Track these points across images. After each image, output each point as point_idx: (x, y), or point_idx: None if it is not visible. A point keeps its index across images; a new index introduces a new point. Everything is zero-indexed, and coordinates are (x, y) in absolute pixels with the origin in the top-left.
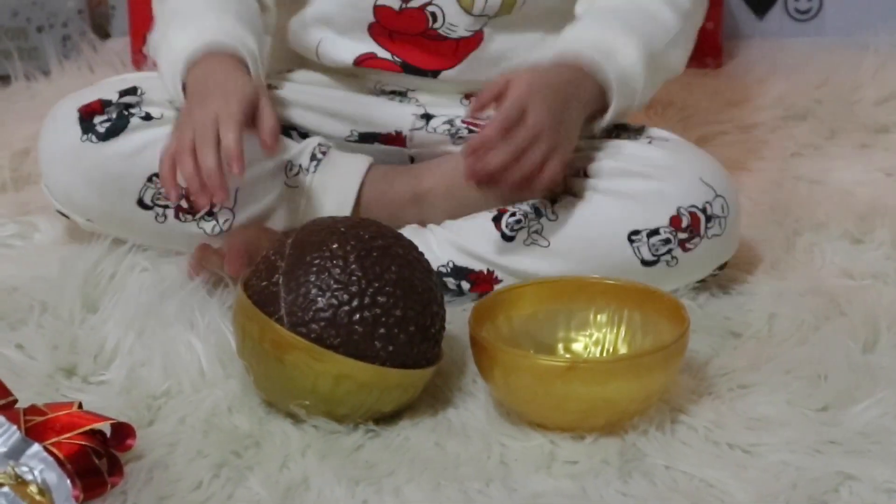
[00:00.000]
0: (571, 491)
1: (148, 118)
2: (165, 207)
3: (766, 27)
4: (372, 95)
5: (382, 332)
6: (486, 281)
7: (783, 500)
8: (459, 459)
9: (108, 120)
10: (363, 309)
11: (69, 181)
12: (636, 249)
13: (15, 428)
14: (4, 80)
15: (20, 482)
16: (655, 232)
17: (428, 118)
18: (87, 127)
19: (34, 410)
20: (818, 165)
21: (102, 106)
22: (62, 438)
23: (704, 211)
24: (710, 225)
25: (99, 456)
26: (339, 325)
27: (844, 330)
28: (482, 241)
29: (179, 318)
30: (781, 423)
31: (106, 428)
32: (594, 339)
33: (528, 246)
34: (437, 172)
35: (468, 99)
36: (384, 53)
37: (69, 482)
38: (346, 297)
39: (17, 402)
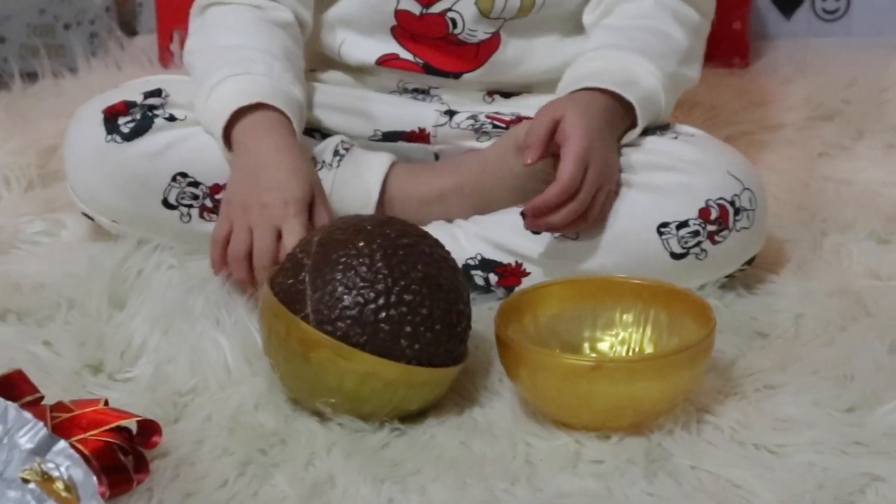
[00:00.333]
0: (597, 490)
1: (172, 119)
2: (190, 207)
3: (793, 27)
4: (395, 94)
5: (408, 330)
6: (513, 274)
7: (809, 500)
8: (485, 458)
9: (132, 120)
10: (389, 307)
11: (94, 182)
12: (665, 242)
13: (42, 424)
14: (32, 77)
15: (46, 478)
16: (684, 224)
17: (451, 114)
18: (111, 128)
19: (61, 407)
20: (845, 166)
21: (127, 107)
22: (88, 435)
23: (733, 203)
24: (738, 217)
25: (125, 453)
26: (365, 323)
27: (871, 331)
28: (511, 233)
29: (206, 315)
30: (807, 423)
31: (132, 425)
32: (620, 338)
33: (556, 238)
34: (461, 170)
35: (491, 96)
36: (406, 55)
37: (95, 479)
38: (372, 295)
39: (43, 398)
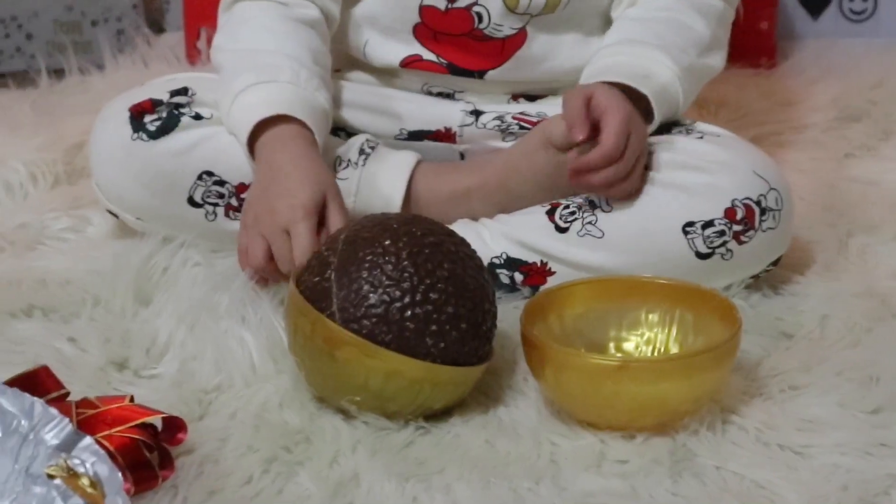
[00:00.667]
0: (621, 490)
1: (198, 118)
2: (215, 205)
3: (820, 28)
4: (420, 94)
5: (434, 329)
6: (539, 273)
7: (833, 501)
8: (509, 458)
9: (158, 119)
10: (415, 306)
11: (120, 179)
12: (691, 241)
13: (67, 420)
14: (59, 73)
15: (72, 475)
16: (710, 224)
17: (477, 114)
18: (137, 125)
19: (86, 403)
20: (872, 167)
21: (153, 105)
22: (114, 431)
23: (759, 203)
24: (764, 218)
25: (150, 449)
26: (390, 321)
27: None
28: (536, 232)
29: (231, 312)
30: (832, 425)
31: (157, 422)
32: (645, 338)
33: (582, 237)
34: (486, 168)
35: (516, 99)
36: (430, 55)
37: (120, 475)
38: (398, 293)
39: (69, 394)
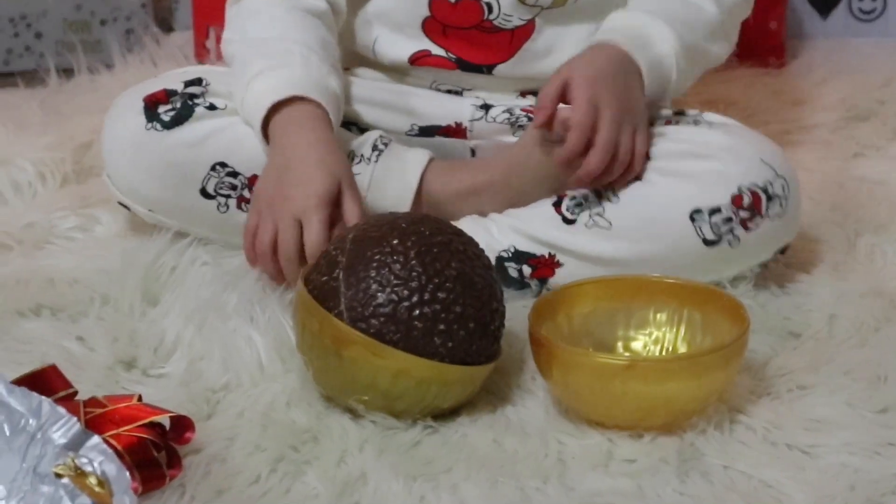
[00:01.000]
0: (629, 490)
1: (212, 108)
2: (227, 197)
3: (829, 27)
4: (430, 90)
5: (442, 328)
6: (547, 265)
7: (841, 501)
8: (517, 457)
9: (172, 109)
10: (423, 305)
11: (132, 170)
12: (698, 228)
13: (75, 419)
14: (68, 72)
15: (80, 473)
16: (717, 210)
17: (487, 108)
18: (151, 115)
19: (94, 402)
20: (880, 166)
21: (167, 95)
22: (121, 431)
23: (766, 190)
24: (771, 204)
25: (158, 449)
26: (398, 320)
27: None
28: (544, 224)
29: (239, 311)
30: (840, 424)
31: (165, 421)
32: (654, 337)
33: (589, 228)
34: (496, 164)
35: (524, 96)
36: (438, 50)
37: (128, 474)
38: (406, 292)
39: (77, 393)
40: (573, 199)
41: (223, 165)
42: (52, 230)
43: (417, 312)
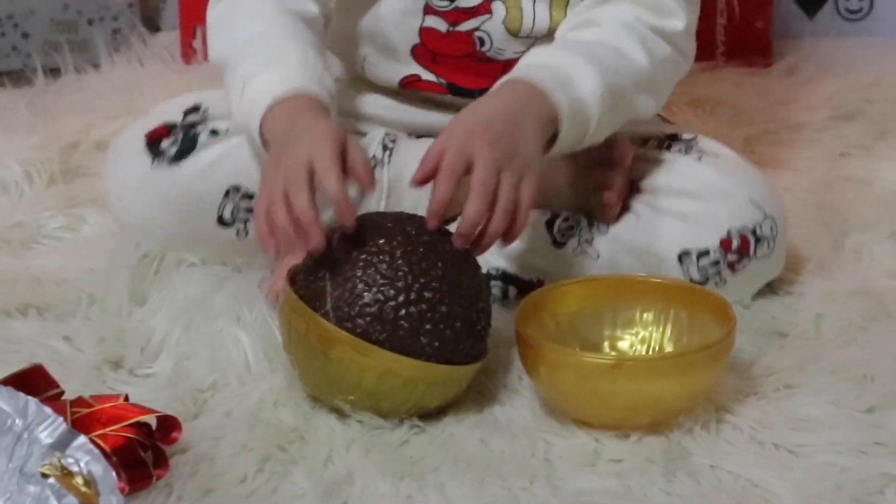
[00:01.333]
0: (616, 489)
1: (215, 133)
2: (246, 222)
3: (816, 27)
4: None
5: (428, 327)
6: (532, 288)
7: (828, 501)
8: (504, 456)
9: (175, 142)
10: (409, 304)
11: (145, 210)
12: (685, 269)
13: (61, 419)
14: (55, 72)
15: (66, 473)
16: (705, 253)
17: None
18: (156, 152)
19: (81, 402)
20: (867, 166)
21: (168, 129)
22: (108, 430)
23: (754, 232)
24: (758, 246)
25: (144, 448)
26: (384, 320)
27: (892, 331)
28: (535, 250)
29: (226, 311)
30: (827, 423)
31: (152, 421)
32: (640, 337)
33: (577, 255)
34: None
35: None
36: (429, 76)
37: (114, 474)
38: (392, 292)
39: (63, 393)
40: (565, 220)
41: (237, 189)
42: (39, 230)
43: (404, 312)
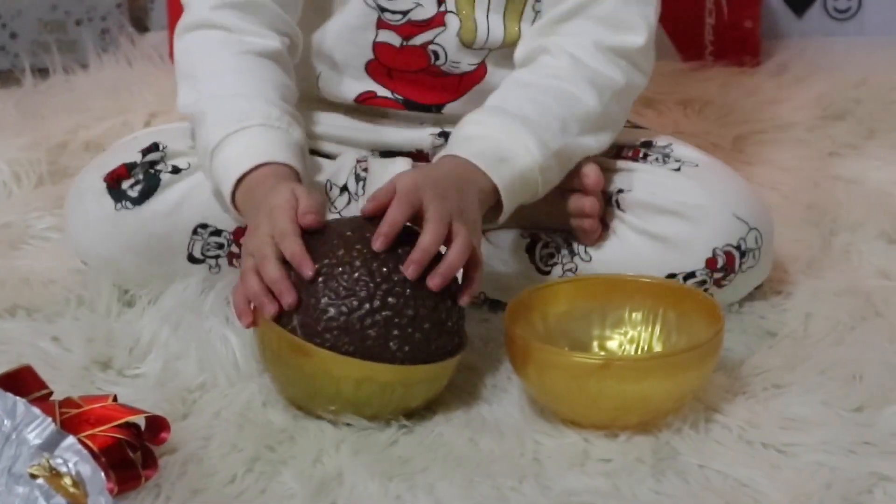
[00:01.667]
0: (605, 489)
1: (176, 171)
2: (217, 258)
3: (804, 26)
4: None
5: (396, 333)
6: None
7: (817, 500)
8: (493, 456)
9: (137, 182)
10: (374, 313)
11: (112, 253)
12: None
13: (50, 420)
14: (43, 73)
15: (54, 474)
16: (691, 275)
17: (446, 135)
18: (118, 194)
19: (69, 403)
20: (856, 165)
21: (128, 169)
22: (97, 431)
23: (739, 248)
24: (744, 260)
25: (133, 449)
26: (351, 332)
27: (880, 330)
28: (519, 278)
29: (215, 312)
30: (816, 423)
31: (140, 421)
32: (629, 337)
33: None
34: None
35: None
36: (384, 92)
37: (103, 475)
38: (355, 303)
39: (52, 394)
40: (545, 246)
41: (204, 227)
42: (27, 230)
43: (370, 321)
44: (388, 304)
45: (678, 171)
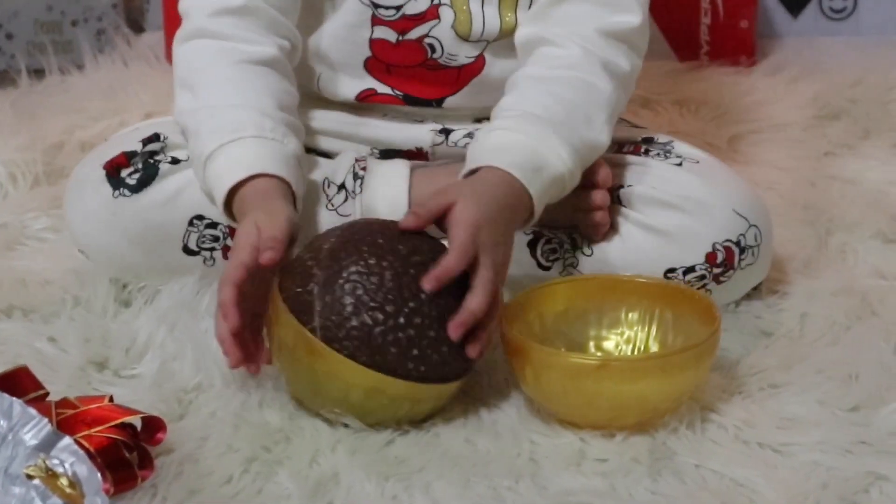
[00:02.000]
0: (601, 489)
1: (176, 162)
2: (212, 250)
3: (800, 26)
4: (385, 121)
5: (416, 353)
6: None
7: (813, 500)
8: (489, 456)
9: (136, 171)
10: (397, 330)
11: (109, 241)
12: None
13: (46, 420)
14: (39, 73)
15: (51, 475)
16: (691, 269)
17: (447, 132)
18: (116, 182)
19: (66, 403)
20: (851, 165)
21: (127, 158)
22: (93, 432)
23: (738, 244)
24: (743, 256)
25: (129, 449)
26: (372, 344)
27: (876, 330)
28: (519, 270)
29: (211, 312)
30: (812, 422)
31: (137, 421)
32: (625, 337)
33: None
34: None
35: (480, 122)
36: (384, 88)
37: (99, 475)
38: (381, 317)
39: (48, 394)
40: (548, 242)
41: (200, 218)
42: (23, 231)
43: (391, 338)
44: (413, 323)
45: (679, 165)
